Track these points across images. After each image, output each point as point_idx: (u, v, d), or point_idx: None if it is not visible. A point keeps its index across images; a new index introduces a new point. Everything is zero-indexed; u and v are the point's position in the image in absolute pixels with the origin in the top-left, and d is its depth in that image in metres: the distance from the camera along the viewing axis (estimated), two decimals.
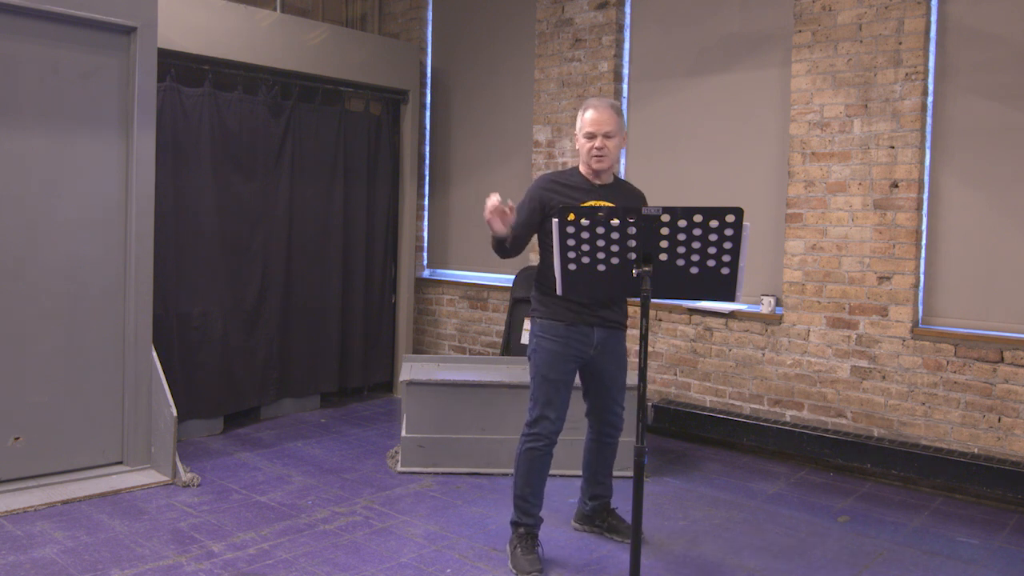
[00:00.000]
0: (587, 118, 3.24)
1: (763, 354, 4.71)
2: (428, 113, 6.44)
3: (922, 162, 4.23)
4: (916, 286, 4.26)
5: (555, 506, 3.88)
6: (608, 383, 3.41)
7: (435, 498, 3.97)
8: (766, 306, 4.70)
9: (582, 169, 3.33)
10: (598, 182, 3.31)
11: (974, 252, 4.14)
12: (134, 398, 4.19)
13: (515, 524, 3.32)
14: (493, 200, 3.07)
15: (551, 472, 4.26)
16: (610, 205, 3.19)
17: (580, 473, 4.39)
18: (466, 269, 6.31)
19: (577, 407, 3.54)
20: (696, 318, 4.96)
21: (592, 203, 3.24)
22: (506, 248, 3.24)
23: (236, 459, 4.50)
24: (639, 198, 3.42)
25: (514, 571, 3.17)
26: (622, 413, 3.50)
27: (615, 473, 4.25)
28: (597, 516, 3.59)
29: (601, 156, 3.23)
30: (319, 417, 5.46)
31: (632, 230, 2.44)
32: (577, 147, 3.32)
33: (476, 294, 6.13)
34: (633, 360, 4.94)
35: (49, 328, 3.98)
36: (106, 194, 4.13)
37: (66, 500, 3.78)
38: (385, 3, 6.67)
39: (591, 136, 3.22)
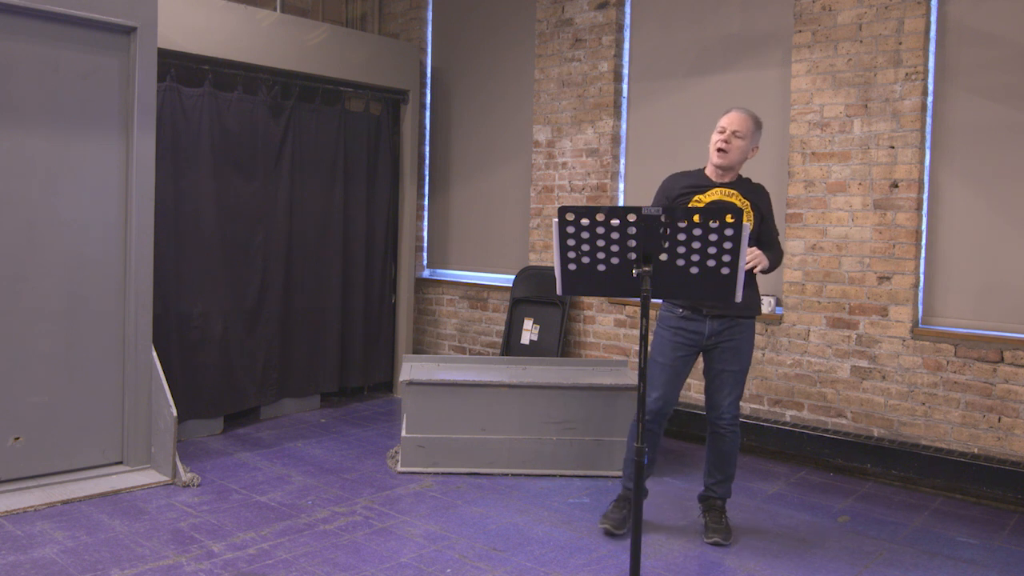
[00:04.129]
0: (723, 116, 3.46)
1: (763, 354, 4.71)
2: (428, 113, 6.44)
3: (922, 162, 4.23)
4: (916, 286, 4.26)
5: (555, 506, 3.88)
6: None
7: (435, 498, 3.97)
8: (766, 306, 4.70)
9: (707, 170, 3.50)
10: (719, 180, 3.48)
11: (974, 252, 4.14)
12: (134, 398, 4.19)
13: (624, 486, 3.65)
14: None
15: (551, 472, 4.31)
16: (731, 199, 3.40)
17: (581, 473, 4.41)
18: (466, 269, 6.31)
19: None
20: None
21: (713, 193, 3.42)
22: None
23: (236, 459, 4.50)
24: (760, 191, 3.51)
25: (598, 522, 3.60)
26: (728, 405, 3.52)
27: (616, 472, 4.28)
28: (703, 507, 3.65)
29: (723, 151, 3.39)
30: (319, 417, 5.46)
31: (632, 230, 2.44)
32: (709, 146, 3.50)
33: (476, 294, 6.13)
34: (633, 360, 4.95)
35: (49, 328, 3.98)
36: (106, 194, 4.12)
37: (66, 500, 3.78)
38: (385, 3, 6.67)
39: (721, 131, 3.42)
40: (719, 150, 3.40)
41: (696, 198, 3.43)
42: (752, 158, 3.51)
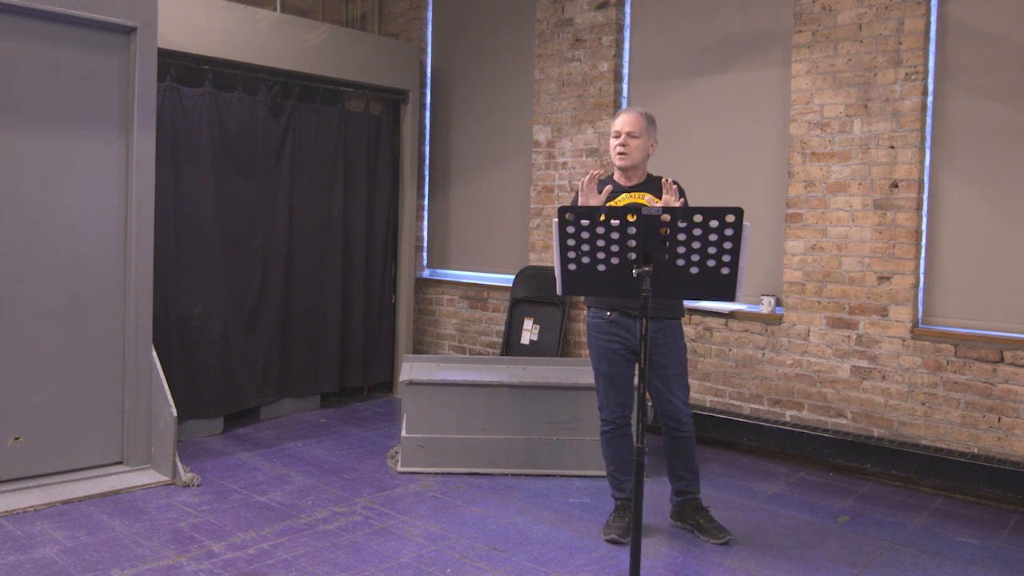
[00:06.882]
0: (615, 121, 3.52)
1: (763, 354, 4.71)
2: (428, 113, 6.44)
3: (922, 162, 4.23)
4: (916, 286, 4.26)
5: (555, 506, 3.88)
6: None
7: (435, 498, 3.97)
8: (766, 306, 4.70)
9: (616, 176, 3.59)
10: (627, 184, 3.54)
11: (974, 252, 4.14)
12: (134, 398, 4.19)
13: (613, 497, 3.65)
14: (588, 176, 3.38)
15: (551, 472, 4.31)
16: (642, 201, 3.42)
17: (581, 473, 4.41)
18: (466, 269, 6.31)
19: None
20: (696, 318, 4.96)
21: (624, 199, 3.48)
22: None
23: (236, 459, 4.50)
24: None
25: (602, 533, 3.54)
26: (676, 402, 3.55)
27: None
28: (685, 513, 3.61)
29: (623, 154, 3.47)
30: (319, 417, 5.46)
31: (632, 230, 2.44)
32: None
33: (476, 294, 6.13)
34: None
35: (49, 328, 3.98)
36: (106, 194, 4.12)
37: (66, 500, 3.78)
38: (385, 3, 6.67)
39: (616, 135, 3.50)
40: (620, 154, 3.49)
41: (607, 205, 3.43)
42: (653, 153, 3.57)
